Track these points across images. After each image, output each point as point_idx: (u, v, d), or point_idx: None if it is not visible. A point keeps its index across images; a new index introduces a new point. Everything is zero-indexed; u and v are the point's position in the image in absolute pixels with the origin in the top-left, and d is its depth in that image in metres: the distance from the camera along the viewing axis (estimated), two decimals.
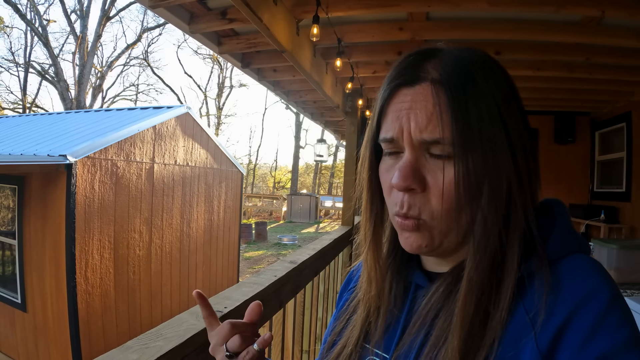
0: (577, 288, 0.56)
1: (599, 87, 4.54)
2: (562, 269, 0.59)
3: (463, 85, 0.61)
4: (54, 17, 63.47)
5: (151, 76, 35.51)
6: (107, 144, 6.54)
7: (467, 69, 0.62)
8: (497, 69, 0.66)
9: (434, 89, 0.61)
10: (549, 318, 0.55)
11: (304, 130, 38.50)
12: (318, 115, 7.49)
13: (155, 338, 1.03)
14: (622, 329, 0.52)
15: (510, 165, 0.61)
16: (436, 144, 0.61)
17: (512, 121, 0.63)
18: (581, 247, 0.63)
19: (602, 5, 2.67)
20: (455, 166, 0.60)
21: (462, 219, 0.63)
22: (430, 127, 0.61)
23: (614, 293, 0.55)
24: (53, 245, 5.89)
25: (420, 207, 0.63)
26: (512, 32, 3.14)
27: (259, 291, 1.54)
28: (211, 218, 9.79)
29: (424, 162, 0.63)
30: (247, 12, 2.15)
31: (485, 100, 0.61)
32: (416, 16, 3.14)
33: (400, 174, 0.63)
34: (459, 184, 0.60)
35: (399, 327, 0.71)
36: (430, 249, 0.66)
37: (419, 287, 0.73)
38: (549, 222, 0.65)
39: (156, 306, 7.72)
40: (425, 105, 0.61)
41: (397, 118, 0.64)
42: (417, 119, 0.62)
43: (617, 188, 5.15)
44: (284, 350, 2.19)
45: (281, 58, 3.71)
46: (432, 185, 0.62)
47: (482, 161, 0.60)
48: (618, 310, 0.53)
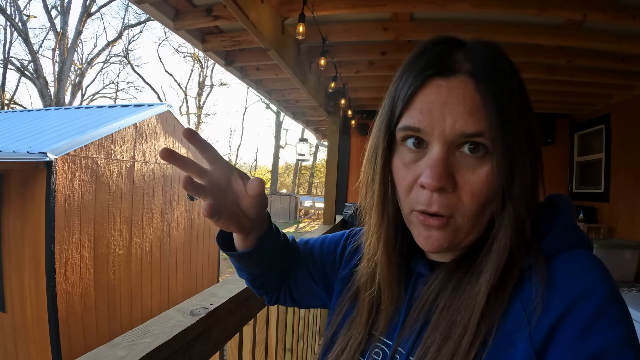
0: (574, 283, 0.55)
1: (579, 90, 4.62)
2: (560, 263, 0.59)
3: (499, 78, 0.60)
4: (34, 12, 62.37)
5: (131, 74, 35.06)
6: (88, 141, 6.46)
7: (498, 62, 0.62)
8: (511, 61, 0.65)
9: (474, 82, 0.60)
10: (544, 313, 0.55)
11: (284, 130, 38.53)
12: (300, 115, 7.50)
13: (142, 335, 1.02)
14: (619, 326, 0.52)
15: (531, 161, 0.62)
16: (476, 137, 0.59)
17: (530, 114, 0.64)
18: (582, 242, 0.63)
19: (583, 9, 2.72)
20: (493, 162, 0.60)
21: (486, 215, 0.63)
22: (472, 120, 0.59)
23: (612, 290, 0.54)
24: (32, 244, 5.80)
25: (452, 206, 0.62)
26: (495, 33, 3.17)
27: (244, 288, 1.53)
28: (191, 217, 9.73)
29: (453, 160, 0.61)
30: (234, 9, 2.15)
31: (516, 94, 0.62)
32: (401, 16, 3.17)
33: (432, 173, 0.60)
34: (493, 180, 0.60)
35: (401, 314, 0.71)
36: (450, 247, 0.65)
37: (421, 275, 0.74)
38: (551, 216, 0.65)
39: (136, 306, 7.65)
40: (464, 99, 0.60)
41: (428, 110, 0.62)
42: (454, 113, 0.60)
43: (596, 189, 5.23)
44: (267, 348, 2.19)
45: (264, 56, 3.70)
46: (463, 185, 0.61)
47: (516, 157, 0.60)
48: (615, 307, 0.53)
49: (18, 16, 20.96)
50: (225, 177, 0.73)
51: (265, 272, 0.92)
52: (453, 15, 3.11)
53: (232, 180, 0.73)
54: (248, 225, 0.77)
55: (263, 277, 0.93)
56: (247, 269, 0.89)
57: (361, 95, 5.46)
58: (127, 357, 0.91)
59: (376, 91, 5.37)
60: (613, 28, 3.08)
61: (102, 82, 41.31)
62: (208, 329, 1.24)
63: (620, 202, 4.78)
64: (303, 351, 3.27)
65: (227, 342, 1.48)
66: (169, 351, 1.02)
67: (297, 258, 0.99)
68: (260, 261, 0.87)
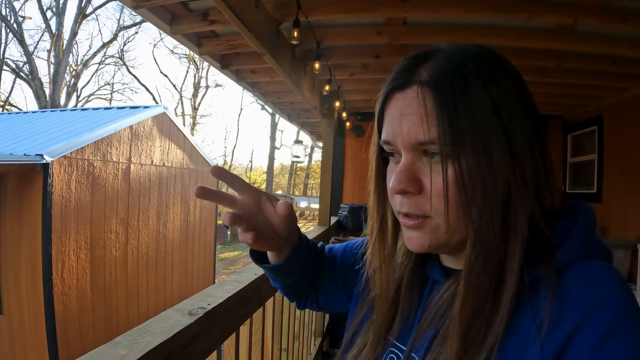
0: (588, 296, 0.54)
1: (571, 92, 4.66)
2: (574, 275, 0.57)
3: (452, 84, 0.60)
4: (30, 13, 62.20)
5: (126, 75, 34.97)
6: (84, 143, 6.47)
7: (458, 67, 0.61)
8: (496, 63, 0.64)
9: (422, 91, 0.61)
10: (557, 326, 0.53)
11: (280, 131, 38.31)
12: (295, 117, 7.51)
13: (143, 334, 1.05)
14: (635, 340, 0.50)
15: (507, 163, 0.59)
16: (429, 145, 0.61)
17: (511, 116, 0.60)
18: (600, 253, 0.61)
19: (574, 13, 2.75)
20: (446, 167, 0.60)
21: (472, 212, 0.61)
22: (422, 129, 0.61)
23: (629, 303, 0.53)
24: (29, 246, 5.80)
25: (422, 207, 0.64)
26: (487, 37, 3.20)
27: (240, 288, 1.56)
28: (187, 219, 9.74)
29: (419, 165, 0.63)
30: (230, 15, 2.18)
31: (477, 98, 0.59)
32: (394, 21, 3.20)
33: (395, 178, 0.64)
34: (455, 183, 0.60)
35: (415, 321, 0.72)
36: (435, 247, 0.66)
37: (437, 282, 0.74)
38: (568, 225, 0.63)
39: (133, 307, 7.66)
40: (416, 109, 0.61)
41: (391, 123, 0.66)
42: (408, 123, 0.62)
43: (589, 189, 5.27)
44: (263, 348, 2.21)
45: (260, 59, 3.73)
46: (427, 187, 0.62)
47: (476, 160, 0.59)
48: (631, 321, 0.51)
49: (13, 17, 20.90)
50: (255, 203, 0.79)
51: (297, 281, 0.98)
52: (446, 19, 3.14)
53: (261, 204, 0.80)
54: (281, 243, 0.84)
55: (295, 285, 1.00)
56: (280, 279, 0.96)
57: (355, 98, 5.49)
58: (128, 355, 0.94)
59: (370, 94, 5.40)
60: (604, 31, 3.10)
61: (97, 84, 41.24)
62: (206, 328, 1.27)
63: (612, 203, 4.82)
64: (299, 351, 3.30)
65: (224, 342, 1.51)
66: (168, 350, 1.04)
67: (323, 265, 1.04)
68: (291, 271, 0.94)
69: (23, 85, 32.66)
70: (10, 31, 21.11)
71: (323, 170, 4.91)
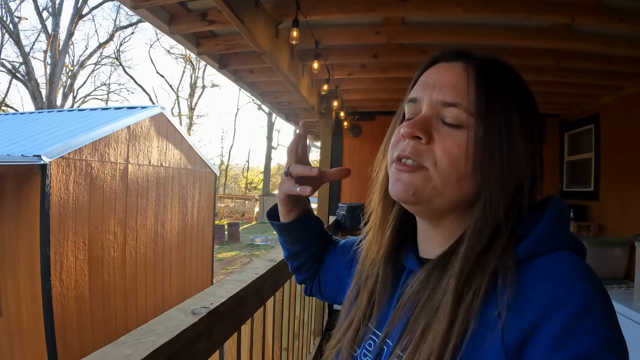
0: (550, 289, 0.54)
1: (568, 91, 4.68)
2: (538, 267, 0.58)
3: (494, 73, 0.68)
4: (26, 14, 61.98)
5: (123, 75, 34.92)
6: (82, 144, 6.45)
7: (501, 66, 0.71)
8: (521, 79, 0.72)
9: (467, 66, 0.68)
10: (518, 319, 0.54)
11: (276, 131, 38.42)
12: (292, 116, 7.50)
13: (147, 334, 1.05)
14: (599, 332, 0.51)
15: (523, 157, 0.66)
16: (452, 107, 0.66)
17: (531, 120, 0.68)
18: (569, 244, 0.62)
19: (572, 12, 2.76)
20: (469, 135, 0.65)
21: (463, 185, 0.66)
22: (454, 92, 0.67)
23: (593, 294, 0.53)
24: (27, 247, 5.79)
25: (423, 155, 0.67)
26: (485, 37, 3.22)
27: (242, 288, 1.57)
28: (185, 219, 9.73)
29: (435, 123, 0.68)
30: (229, 14, 2.18)
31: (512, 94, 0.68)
32: (392, 21, 3.21)
33: (409, 123, 0.68)
34: (468, 150, 0.64)
35: (390, 308, 0.74)
36: (416, 198, 0.68)
37: (411, 271, 0.76)
38: (537, 218, 0.64)
39: (131, 307, 7.65)
40: (454, 77, 0.68)
41: (424, 82, 0.72)
42: (442, 84, 0.68)
43: (586, 187, 5.28)
44: (264, 347, 2.22)
45: (258, 59, 3.73)
46: (439, 140, 0.66)
47: (498, 138, 0.64)
48: (595, 312, 0.52)
49: (9, 18, 20.81)
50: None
51: (301, 252, 1.09)
52: (444, 19, 3.15)
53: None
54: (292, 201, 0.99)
55: (300, 257, 1.10)
56: (286, 245, 1.09)
57: (353, 97, 5.50)
58: (133, 355, 0.94)
59: (368, 93, 5.41)
60: (601, 31, 3.12)
61: (93, 84, 41.04)
62: (209, 327, 1.27)
63: (609, 200, 4.84)
64: (298, 350, 3.30)
65: (226, 341, 1.52)
66: (173, 349, 1.04)
67: (327, 250, 1.11)
68: (296, 239, 1.06)
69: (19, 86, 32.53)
70: (6, 32, 21.05)
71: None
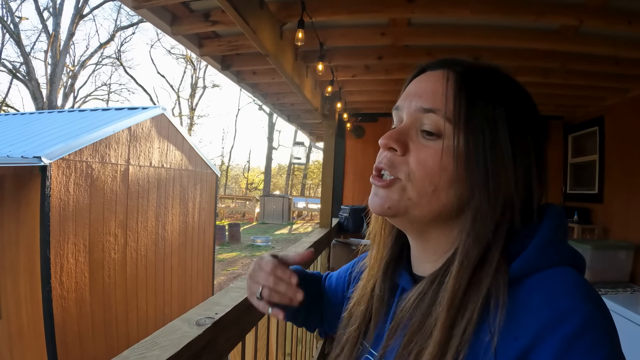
0: (545, 309, 0.52)
1: (573, 92, 4.65)
2: (532, 286, 0.56)
3: (477, 79, 0.66)
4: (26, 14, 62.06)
5: (123, 76, 35.01)
6: (82, 145, 6.41)
7: (486, 71, 0.68)
8: (513, 83, 0.70)
9: (448, 74, 0.67)
10: (512, 342, 0.52)
11: (277, 132, 38.52)
12: (295, 118, 7.49)
13: (151, 347, 1.02)
14: (594, 354, 0.48)
15: (510, 169, 0.62)
16: (431, 114, 0.65)
17: (520, 128, 0.65)
18: (565, 259, 0.60)
19: (580, 14, 2.74)
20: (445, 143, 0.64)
21: (440, 196, 0.64)
22: (432, 98, 0.66)
23: (590, 313, 0.51)
24: (27, 249, 5.75)
25: (398, 167, 0.67)
26: (492, 38, 3.20)
27: (247, 296, 1.54)
28: (186, 220, 9.70)
29: (413, 134, 0.67)
30: (234, 15, 2.15)
31: (496, 100, 0.64)
32: (398, 22, 3.18)
33: (386, 135, 0.68)
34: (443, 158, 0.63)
35: (385, 328, 0.73)
36: (393, 211, 0.68)
37: (404, 289, 0.75)
38: (531, 232, 0.62)
39: (132, 310, 7.61)
40: (434, 84, 0.67)
41: (408, 91, 0.71)
42: (422, 91, 0.68)
43: (590, 190, 5.26)
44: (268, 354, 2.19)
45: (261, 60, 3.71)
46: (413, 152, 0.66)
47: (481, 148, 0.62)
48: (593, 332, 0.50)
49: (10, 18, 20.84)
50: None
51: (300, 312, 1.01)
52: (450, 20, 3.12)
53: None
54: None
55: (299, 316, 1.05)
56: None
57: (357, 99, 5.48)
58: None
59: (372, 95, 5.39)
60: (608, 33, 3.10)
61: (94, 84, 41.15)
62: (214, 338, 1.24)
63: (614, 203, 4.82)
64: (302, 355, 3.27)
65: (231, 351, 1.48)
66: None
67: (325, 294, 1.08)
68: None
69: (20, 86, 32.57)
70: (7, 32, 21.08)
71: (324, 171, 4.89)
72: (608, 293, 3.79)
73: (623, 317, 3.25)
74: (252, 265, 0.91)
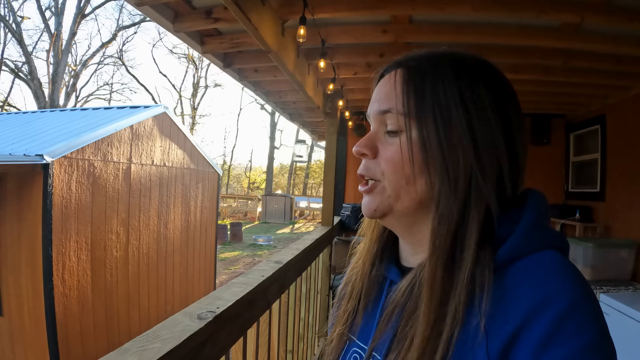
0: (533, 293, 0.54)
1: (574, 91, 4.65)
2: (519, 271, 0.57)
3: (423, 68, 0.68)
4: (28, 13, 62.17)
5: (125, 75, 35.11)
6: (84, 143, 6.42)
7: (433, 58, 0.69)
8: (474, 64, 0.69)
9: (397, 71, 0.71)
10: (503, 325, 0.53)
11: (279, 131, 38.55)
12: (297, 116, 7.48)
13: (152, 340, 1.02)
14: (583, 334, 0.50)
15: (468, 146, 0.63)
16: (388, 114, 0.69)
17: (479, 109, 0.64)
18: (551, 242, 0.61)
19: (582, 11, 2.73)
20: (404, 137, 0.67)
21: (415, 187, 0.66)
22: (387, 99, 0.70)
23: (578, 295, 0.53)
24: (29, 247, 5.76)
25: (373, 170, 0.71)
26: (493, 36, 3.19)
27: (248, 291, 1.54)
28: (188, 219, 9.70)
29: (381, 137, 0.72)
30: (236, 11, 2.15)
31: (445, 84, 0.65)
32: (400, 19, 3.18)
33: (357, 143, 0.72)
34: (403, 150, 0.66)
35: (375, 321, 0.73)
36: (381, 212, 0.71)
37: (393, 282, 0.75)
38: (517, 217, 0.63)
39: (134, 308, 7.62)
40: (388, 85, 0.71)
41: (372, 98, 0.75)
42: (379, 95, 0.72)
43: (592, 188, 5.26)
44: (270, 351, 2.19)
45: (263, 58, 3.71)
46: (382, 152, 0.70)
47: (434, 134, 0.64)
48: (580, 313, 0.51)
49: (12, 17, 20.89)
50: None
51: None
52: (452, 17, 3.12)
53: None
54: None
55: None
56: None
57: (358, 97, 5.47)
58: None
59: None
60: (610, 30, 3.09)
61: (96, 84, 41.37)
62: (215, 332, 1.24)
63: (616, 202, 4.81)
64: (303, 352, 3.27)
65: (232, 346, 1.48)
66: (178, 356, 1.01)
67: None
68: None
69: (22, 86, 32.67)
70: (9, 31, 21.11)
71: (326, 170, 4.88)
72: (610, 291, 3.78)
73: (625, 315, 3.24)
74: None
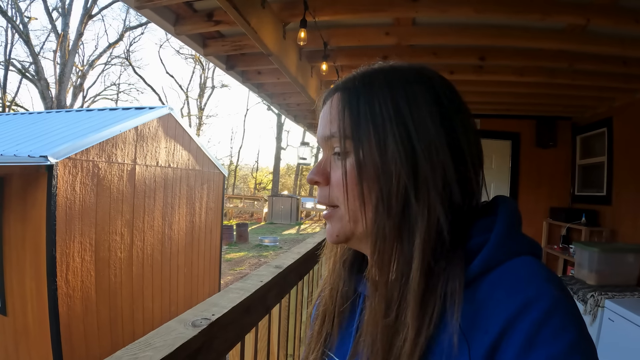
0: (512, 298, 0.54)
1: (580, 93, 4.61)
2: (495, 280, 0.57)
3: (358, 88, 0.68)
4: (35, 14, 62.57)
5: (132, 75, 35.30)
6: (89, 144, 6.43)
7: (368, 76, 0.69)
8: (414, 75, 0.68)
9: (334, 96, 0.71)
10: (483, 336, 0.53)
11: (286, 132, 38.60)
12: (301, 118, 7.49)
13: (144, 348, 1.01)
14: (563, 335, 0.50)
15: (404, 160, 0.62)
16: (332, 139, 0.69)
17: (417, 121, 0.63)
18: (524, 248, 0.61)
19: (587, 13, 2.71)
20: (344, 158, 0.68)
21: (368, 206, 0.65)
22: (328, 125, 0.70)
23: (555, 298, 0.53)
24: (33, 248, 5.78)
25: (327, 197, 0.71)
26: (497, 38, 3.17)
27: (246, 297, 1.52)
28: (193, 220, 9.70)
29: (332, 162, 0.71)
30: (235, 15, 2.14)
31: (380, 100, 0.65)
32: (402, 21, 3.16)
33: (310, 172, 0.73)
34: (349, 174, 0.66)
35: (351, 337, 0.73)
36: (343, 237, 0.71)
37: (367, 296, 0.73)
38: (489, 225, 0.63)
39: (138, 309, 7.64)
40: (328, 111, 0.71)
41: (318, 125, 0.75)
42: (323, 123, 0.72)
43: (598, 192, 5.22)
44: (269, 355, 2.17)
45: (266, 60, 3.70)
46: (332, 177, 0.70)
47: (368, 154, 0.64)
48: (558, 316, 0.51)
49: (19, 18, 21.01)
50: None
51: None
52: (455, 20, 3.10)
53: None
54: None
55: None
56: None
57: None
58: None
59: None
60: (616, 32, 3.07)
61: (103, 84, 41.58)
62: (209, 340, 1.22)
63: (622, 206, 4.77)
64: None
65: (228, 352, 1.47)
66: None
67: None
68: None
69: (29, 86, 32.80)
70: (16, 32, 21.26)
71: None
72: (615, 297, 3.73)
73: (631, 322, 3.18)
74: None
